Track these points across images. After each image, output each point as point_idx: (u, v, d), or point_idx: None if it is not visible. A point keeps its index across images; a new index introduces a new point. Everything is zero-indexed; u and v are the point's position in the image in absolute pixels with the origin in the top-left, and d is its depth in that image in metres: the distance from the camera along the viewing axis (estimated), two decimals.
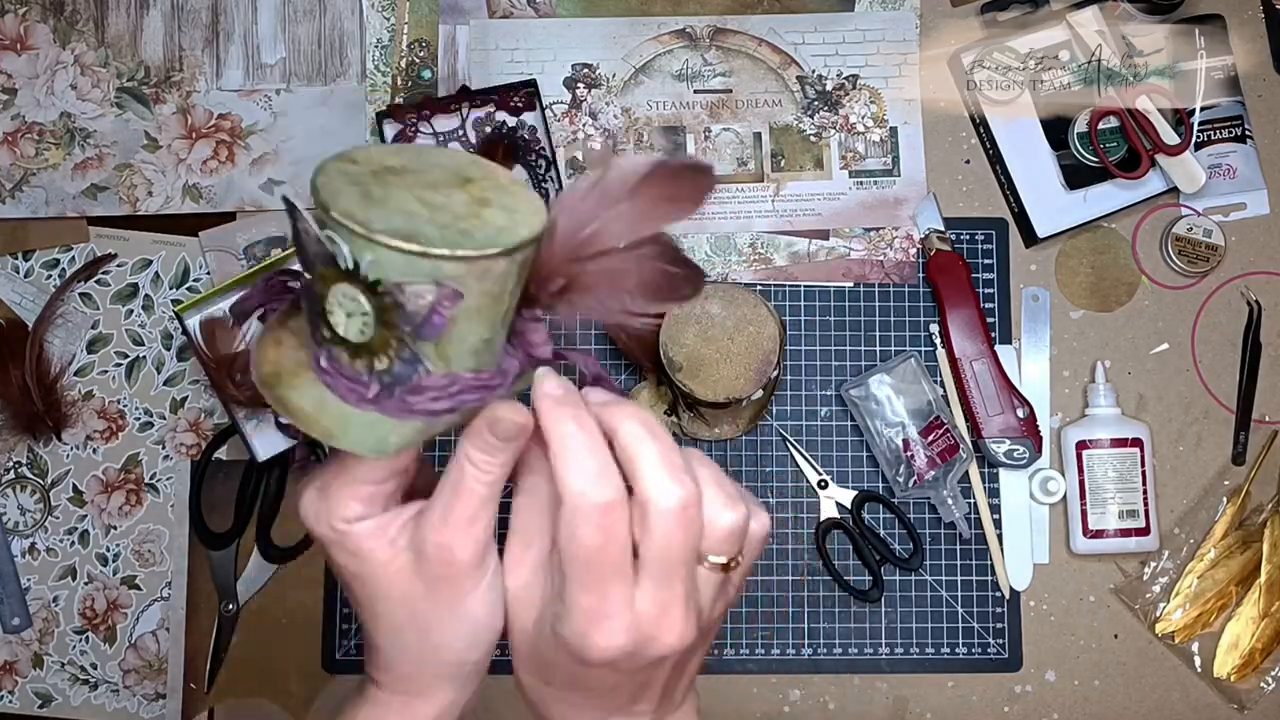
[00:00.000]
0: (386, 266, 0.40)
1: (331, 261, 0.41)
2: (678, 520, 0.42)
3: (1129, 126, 0.91)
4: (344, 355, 0.43)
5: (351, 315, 0.42)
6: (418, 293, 0.41)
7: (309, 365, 0.45)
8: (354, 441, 0.44)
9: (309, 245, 0.42)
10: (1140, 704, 0.89)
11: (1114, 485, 0.88)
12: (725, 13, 0.93)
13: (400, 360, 0.43)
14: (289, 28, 0.93)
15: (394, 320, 0.42)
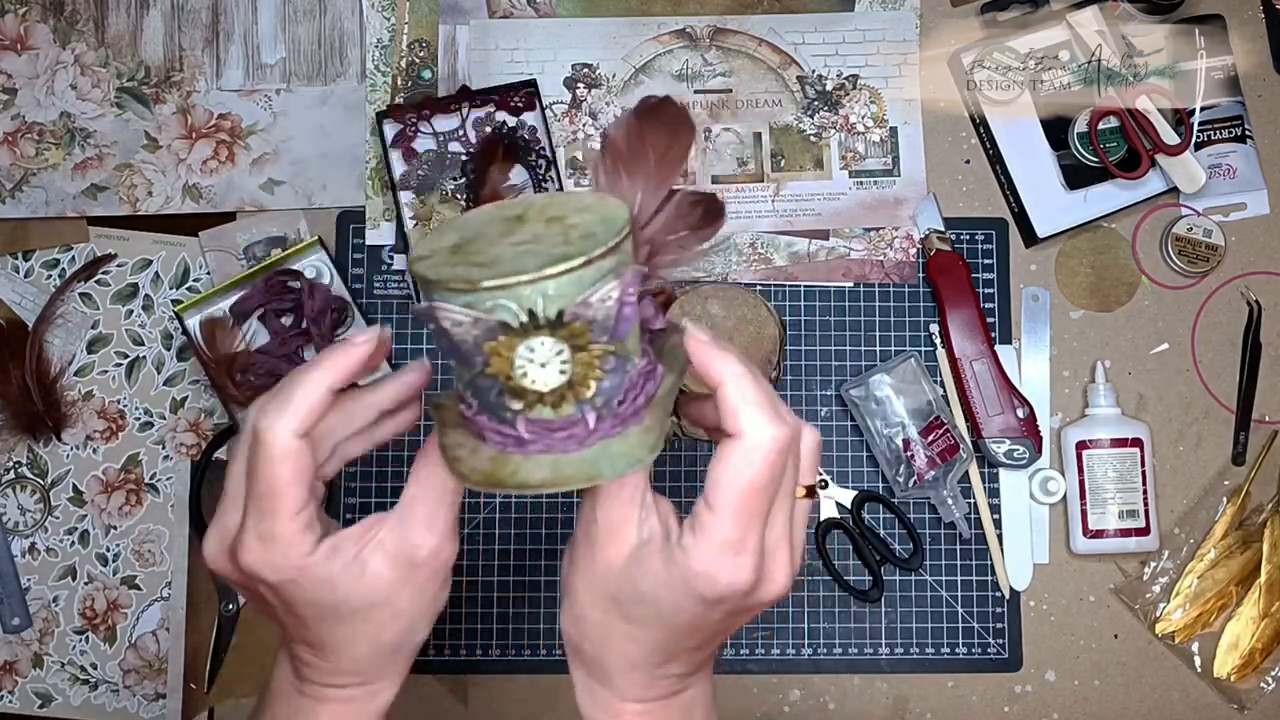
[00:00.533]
0: (559, 297, 0.41)
1: (500, 330, 0.41)
2: (783, 458, 0.44)
3: (1129, 126, 0.91)
4: (546, 411, 0.43)
5: (546, 363, 0.42)
6: (603, 296, 0.42)
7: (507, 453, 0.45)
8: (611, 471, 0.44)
9: (466, 333, 0.42)
10: (1140, 704, 0.89)
11: (1114, 485, 0.88)
12: (725, 13, 0.93)
13: (607, 373, 0.44)
14: (289, 28, 0.93)
15: (587, 339, 0.42)
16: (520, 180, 0.90)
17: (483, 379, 0.43)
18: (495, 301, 0.41)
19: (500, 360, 0.42)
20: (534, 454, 0.44)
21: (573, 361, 0.43)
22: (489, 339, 0.42)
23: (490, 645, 0.88)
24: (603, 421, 0.44)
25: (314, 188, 0.91)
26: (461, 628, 0.88)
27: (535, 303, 0.41)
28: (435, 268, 0.43)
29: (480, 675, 0.89)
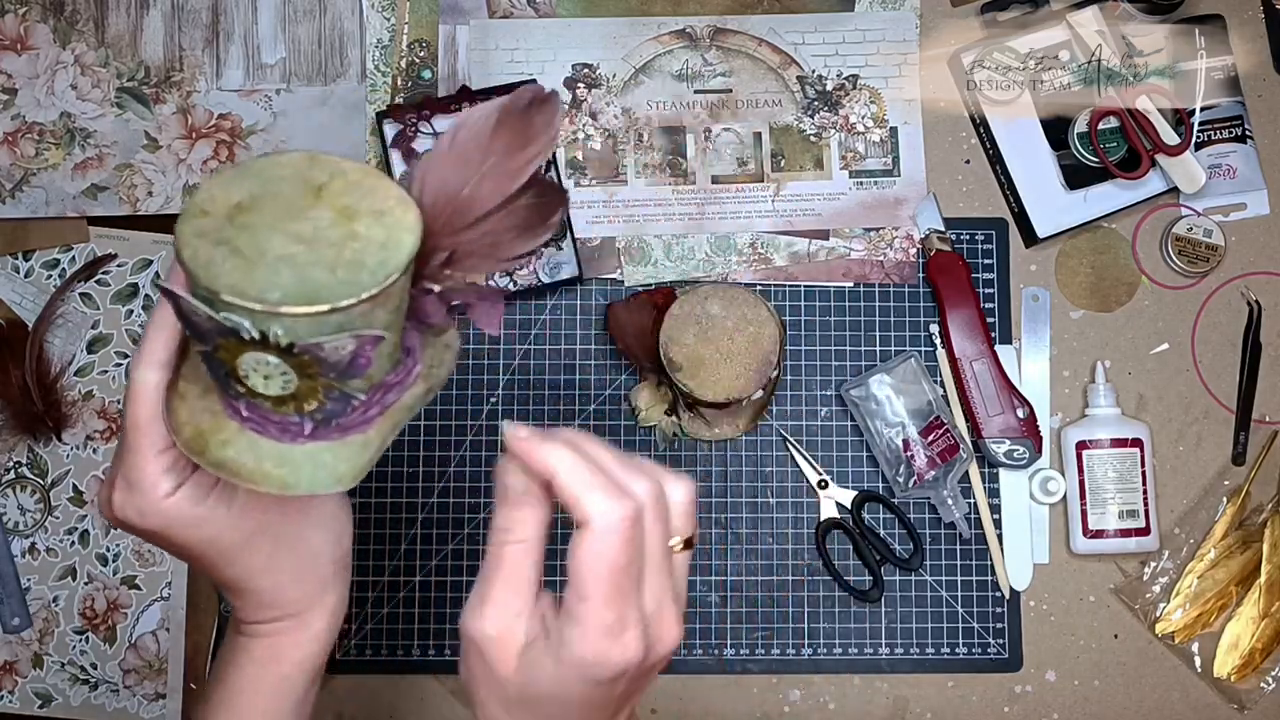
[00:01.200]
0: (296, 331, 0.40)
1: (233, 334, 0.40)
2: (636, 532, 0.43)
3: (1129, 126, 0.91)
4: (266, 404, 0.43)
5: (270, 377, 0.42)
6: (337, 346, 0.41)
7: (226, 414, 0.44)
8: (310, 484, 0.43)
9: (201, 324, 0.41)
10: (1140, 704, 0.89)
11: (1114, 485, 0.88)
12: (725, 13, 0.93)
13: (330, 400, 0.43)
14: (289, 28, 0.93)
15: (317, 371, 0.41)
16: None
17: (212, 359, 0.43)
18: (229, 316, 0.40)
19: (229, 354, 0.42)
20: (249, 430, 0.44)
21: (298, 382, 0.42)
22: (222, 335, 0.41)
23: None
24: (320, 429, 0.44)
25: None
26: None
27: (268, 329, 0.40)
28: (197, 237, 0.41)
29: None
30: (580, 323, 0.91)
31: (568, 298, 0.91)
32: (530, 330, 0.91)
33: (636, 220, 0.91)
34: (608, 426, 0.90)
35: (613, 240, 0.91)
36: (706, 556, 0.89)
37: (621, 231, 0.91)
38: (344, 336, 0.41)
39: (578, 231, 0.90)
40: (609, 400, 0.90)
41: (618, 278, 0.91)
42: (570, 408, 0.90)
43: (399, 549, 0.89)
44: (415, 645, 0.88)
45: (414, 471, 0.89)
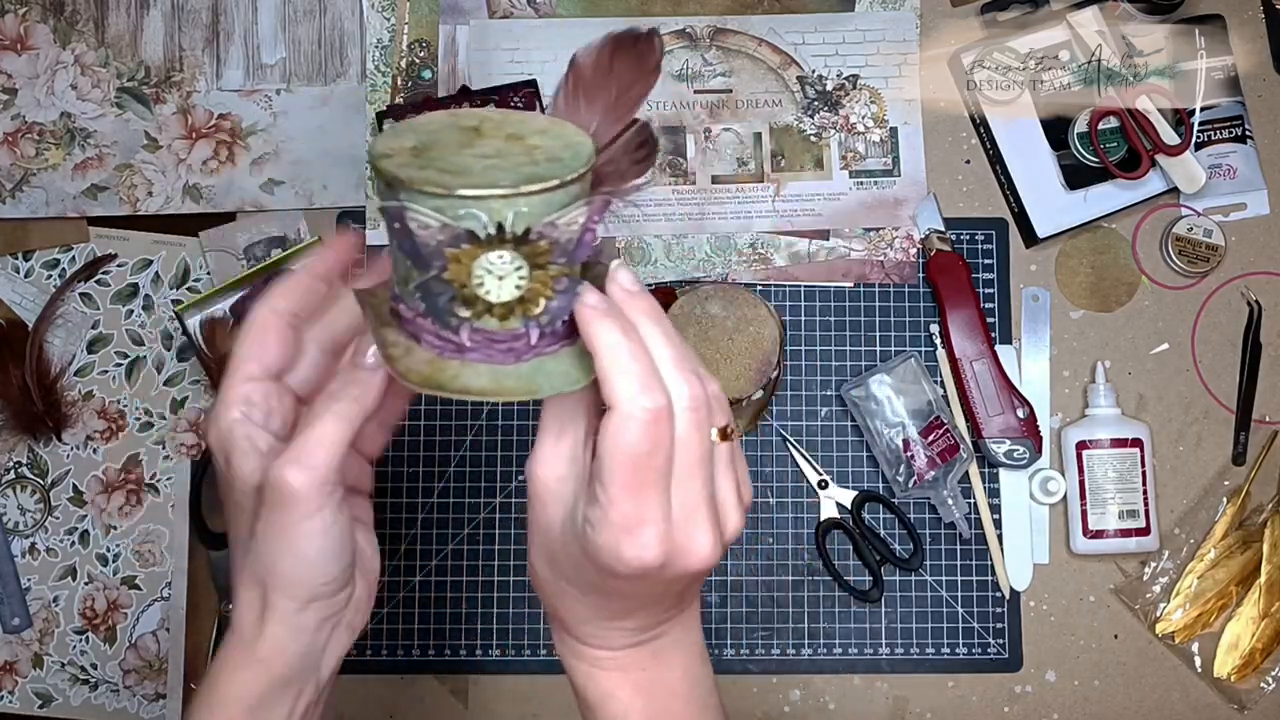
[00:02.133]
0: (530, 215, 0.42)
1: (466, 239, 0.42)
2: (692, 419, 0.44)
3: (1129, 127, 0.91)
4: (492, 322, 0.44)
5: (504, 277, 0.43)
6: (570, 220, 0.43)
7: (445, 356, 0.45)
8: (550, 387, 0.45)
9: (431, 237, 0.42)
10: (1140, 704, 0.89)
11: (1114, 485, 0.88)
12: (725, 13, 0.93)
13: (558, 294, 0.44)
14: (289, 28, 0.93)
15: (547, 259, 0.43)
16: None
17: (436, 283, 0.44)
18: (467, 210, 0.42)
19: (459, 268, 0.43)
20: (472, 361, 0.45)
21: (529, 278, 0.43)
22: (452, 246, 0.42)
23: (490, 645, 0.88)
24: (543, 339, 0.45)
25: (314, 188, 0.91)
26: (461, 628, 0.88)
27: (506, 217, 0.42)
28: (404, 168, 0.43)
29: (480, 675, 0.89)
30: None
31: None
32: None
33: (636, 220, 0.91)
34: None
35: (613, 240, 0.91)
36: None
37: (621, 231, 0.91)
38: (575, 208, 0.43)
39: None
40: None
41: None
42: None
43: (399, 549, 0.89)
44: (415, 645, 0.88)
45: (414, 471, 0.89)
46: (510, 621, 0.89)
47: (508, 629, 0.88)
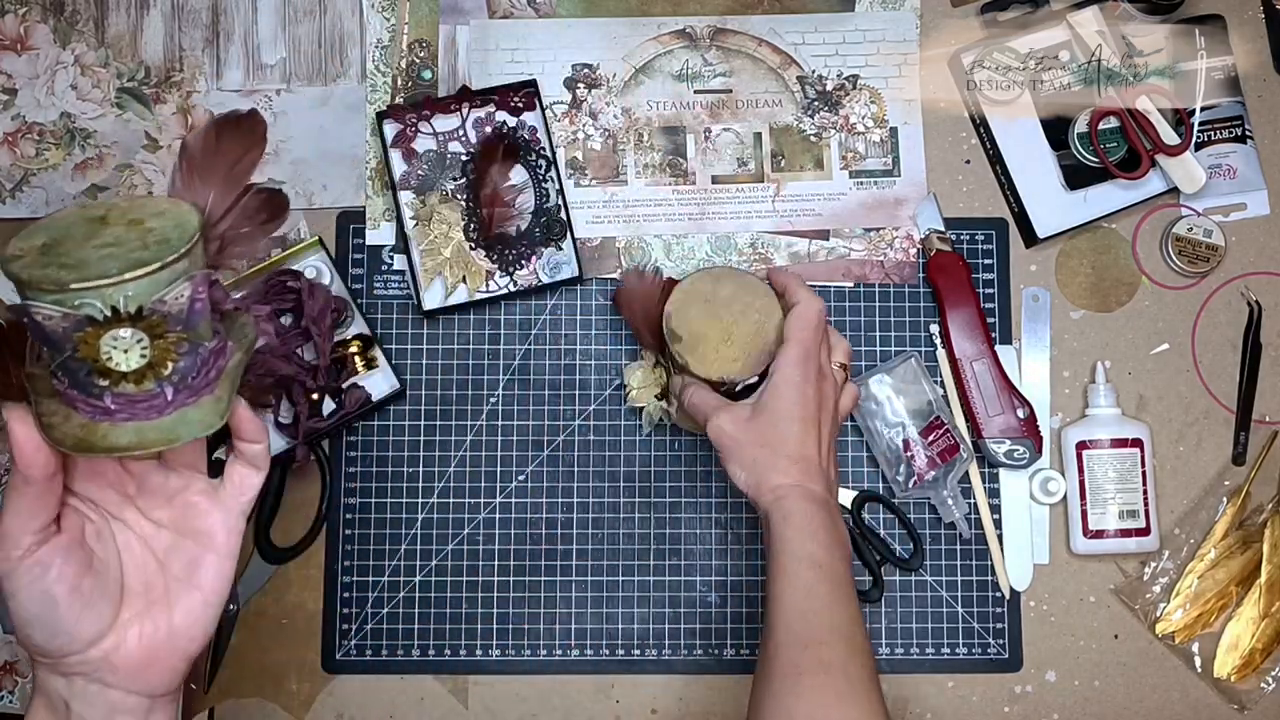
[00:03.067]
0: (138, 296, 0.49)
1: (88, 322, 0.48)
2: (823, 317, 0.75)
3: (1129, 127, 0.91)
4: (130, 387, 0.51)
5: (129, 350, 0.50)
6: (176, 294, 0.50)
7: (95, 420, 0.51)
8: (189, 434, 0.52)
9: (58, 324, 0.48)
10: (1140, 704, 0.89)
11: (1114, 485, 0.88)
12: (725, 13, 0.93)
13: (182, 355, 0.51)
14: (289, 28, 0.93)
15: (164, 329, 0.50)
16: (520, 180, 0.90)
17: (73, 361, 0.50)
18: (82, 300, 0.48)
19: (88, 347, 0.49)
20: (120, 422, 0.51)
21: (152, 347, 0.50)
22: (77, 329, 0.49)
23: (490, 645, 0.88)
24: (179, 394, 0.52)
25: (314, 188, 0.91)
26: (461, 628, 0.88)
27: (118, 301, 0.48)
28: (27, 269, 0.49)
29: (480, 675, 0.89)
30: (580, 323, 0.91)
31: (568, 298, 0.91)
32: (530, 330, 0.91)
33: (636, 220, 0.91)
34: (607, 426, 0.90)
35: (613, 240, 0.91)
36: (707, 556, 0.89)
37: (621, 231, 0.91)
38: (179, 284, 0.50)
39: (578, 231, 0.90)
40: (609, 400, 0.90)
41: (617, 277, 0.91)
42: (570, 407, 0.90)
43: (399, 549, 0.89)
44: (415, 645, 0.88)
45: (414, 472, 0.89)
46: (510, 621, 0.89)
47: (508, 629, 0.88)
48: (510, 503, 0.89)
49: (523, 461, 0.90)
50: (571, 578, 0.89)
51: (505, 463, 0.90)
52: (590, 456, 0.90)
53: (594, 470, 0.90)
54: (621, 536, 0.89)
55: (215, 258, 0.56)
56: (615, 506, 0.89)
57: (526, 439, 0.90)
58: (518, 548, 0.89)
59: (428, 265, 0.89)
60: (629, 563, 0.89)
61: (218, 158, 0.56)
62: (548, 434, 0.90)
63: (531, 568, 0.89)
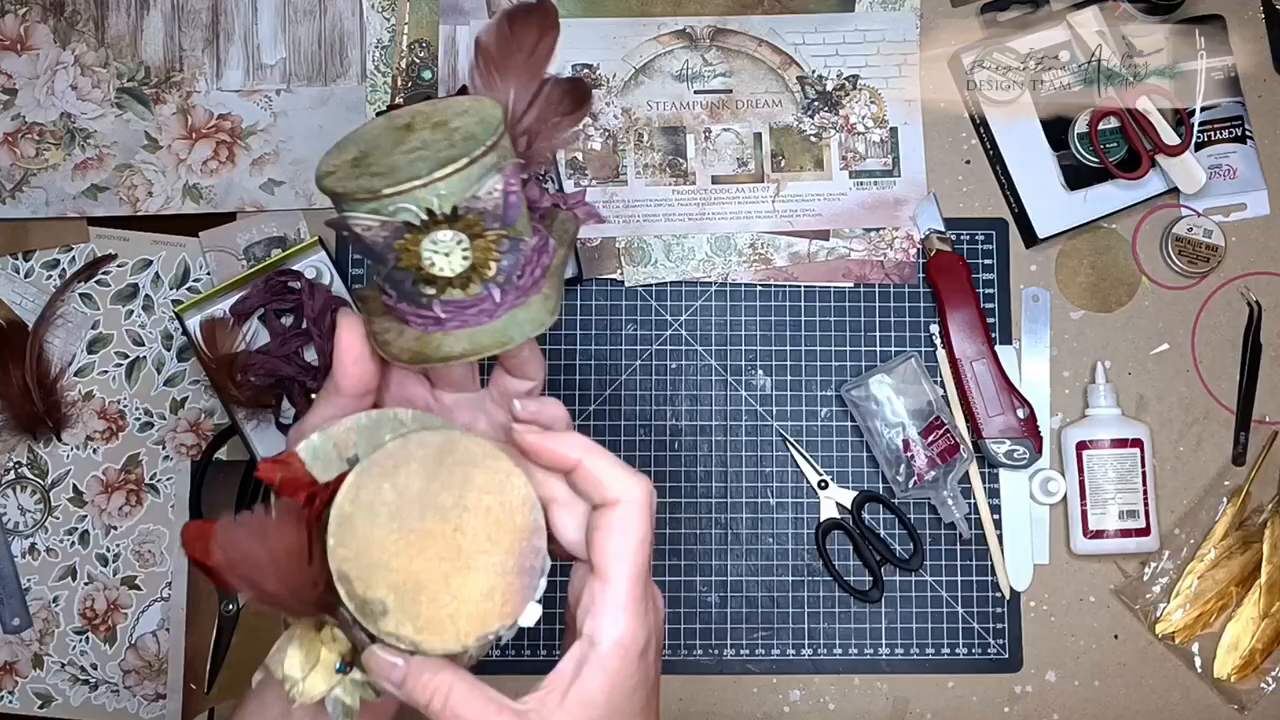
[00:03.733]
0: (451, 195, 0.47)
1: (406, 229, 0.47)
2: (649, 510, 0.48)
3: (1129, 127, 0.91)
4: (457, 293, 0.49)
5: (449, 253, 0.48)
6: (489, 189, 0.47)
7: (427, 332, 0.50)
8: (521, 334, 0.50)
9: (377, 234, 0.47)
10: (1140, 704, 0.89)
11: (1114, 486, 0.88)
12: (725, 13, 0.93)
13: (504, 254, 0.49)
14: (289, 28, 0.93)
15: (483, 227, 0.48)
16: None
17: (397, 272, 0.49)
18: (397, 205, 0.46)
19: (410, 255, 0.48)
20: (452, 330, 0.50)
21: (472, 248, 0.48)
22: (397, 238, 0.47)
23: None
24: (507, 294, 0.50)
25: (314, 188, 0.91)
26: None
27: (432, 202, 0.46)
28: (340, 181, 0.48)
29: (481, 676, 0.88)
30: (580, 323, 0.91)
31: (568, 298, 0.91)
32: None
33: (636, 220, 0.91)
34: (607, 427, 0.90)
35: (613, 240, 0.91)
36: (707, 556, 0.89)
37: (621, 232, 0.91)
38: (490, 177, 0.47)
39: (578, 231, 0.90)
40: (609, 400, 0.90)
41: (618, 278, 0.91)
42: (570, 408, 0.90)
43: None
44: None
45: None
46: None
47: None
48: None
49: None
50: None
51: None
52: None
53: None
54: None
55: (524, 154, 0.53)
56: None
57: None
58: None
59: None
60: None
61: (512, 49, 0.53)
62: None
63: None
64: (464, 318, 0.50)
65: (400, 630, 0.46)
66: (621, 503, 0.47)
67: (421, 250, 0.47)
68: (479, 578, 0.47)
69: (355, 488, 0.46)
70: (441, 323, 0.50)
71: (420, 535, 0.46)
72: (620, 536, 0.47)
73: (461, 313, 0.50)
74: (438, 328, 0.50)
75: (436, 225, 0.47)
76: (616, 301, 0.91)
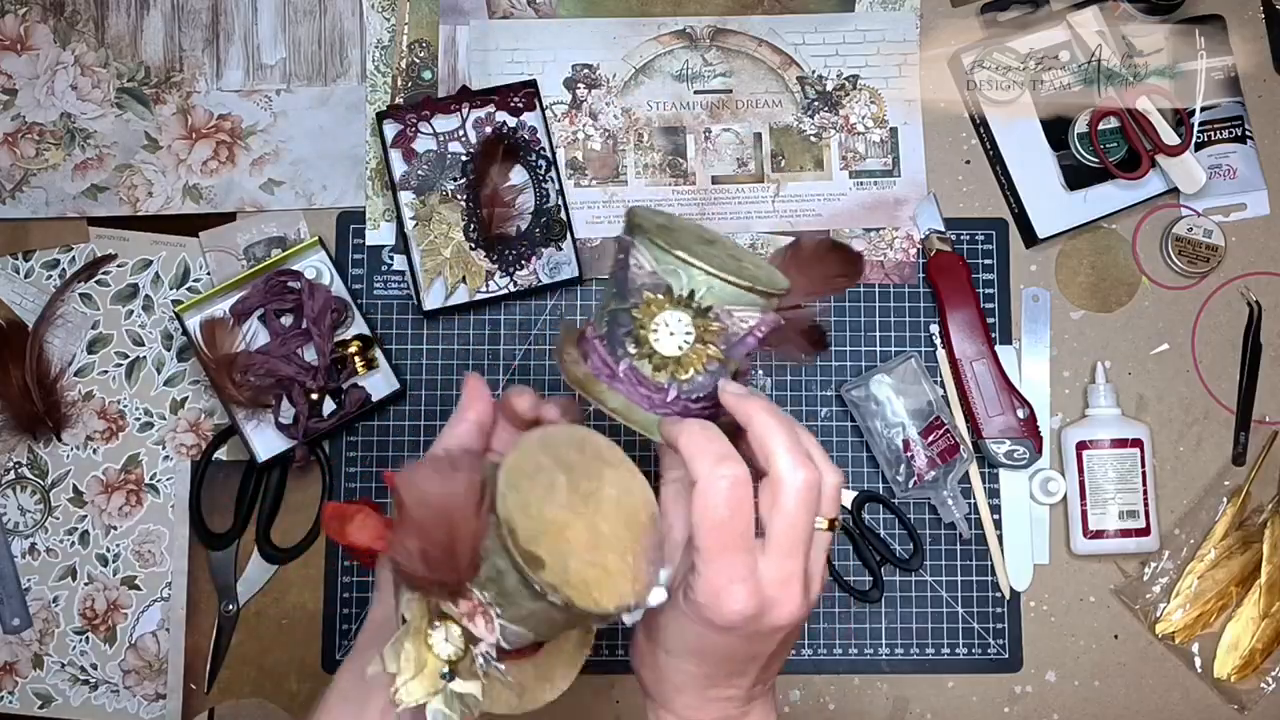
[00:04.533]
0: (714, 295, 0.52)
1: (663, 290, 0.52)
2: (803, 498, 0.50)
3: (1129, 127, 0.91)
4: (647, 367, 0.53)
5: (673, 334, 0.52)
6: (743, 317, 0.52)
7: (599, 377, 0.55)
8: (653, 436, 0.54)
9: (638, 276, 0.52)
10: (1141, 704, 0.89)
11: (1114, 486, 0.88)
12: (725, 13, 0.93)
13: (708, 372, 0.53)
14: (289, 28, 0.93)
15: (713, 339, 0.52)
16: (520, 180, 0.90)
17: (624, 315, 0.53)
18: (675, 268, 0.51)
19: (646, 310, 0.52)
20: (616, 389, 0.54)
21: (691, 347, 0.52)
22: (651, 290, 0.52)
23: None
24: (674, 402, 0.53)
25: (314, 188, 0.91)
26: None
27: (700, 288, 0.51)
28: (649, 220, 0.54)
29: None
30: (580, 323, 0.91)
31: (568, 298, 0.91)
32: (530, 330, 0.91)
33: None
34: (607, 428, 0.90)
35: (613, 241, 0.91)
36: None
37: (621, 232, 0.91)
38: (752, 310, 0.52)
39: (578, 231, 0.90)
40: None
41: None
42: None
43: None
44: None
45: None
46: None
47: None
48: None
49: None
50: None
51: None
52: None
53: None
54: None
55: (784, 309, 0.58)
56: None
57: None
58: None
59: (428, 265, 0.89)
60: None
61: (817, 267, 0.60)
62: None
63: None
64: (632, 390, 0.54)
65: (557, 583, 0.48)
66: (772, 479, 0.50)
67: (657, 316, 0.52)
68: (615, 557, 0.51)
69: (521, 454, 0.50)
70: (613, 379, 0.54)
71: (569, 509, 0.50)
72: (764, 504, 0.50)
73: (635, 384, 0.54)
74: (608, 380, 0.54)
75: (683, 306, 0.52)
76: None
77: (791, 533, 0.49)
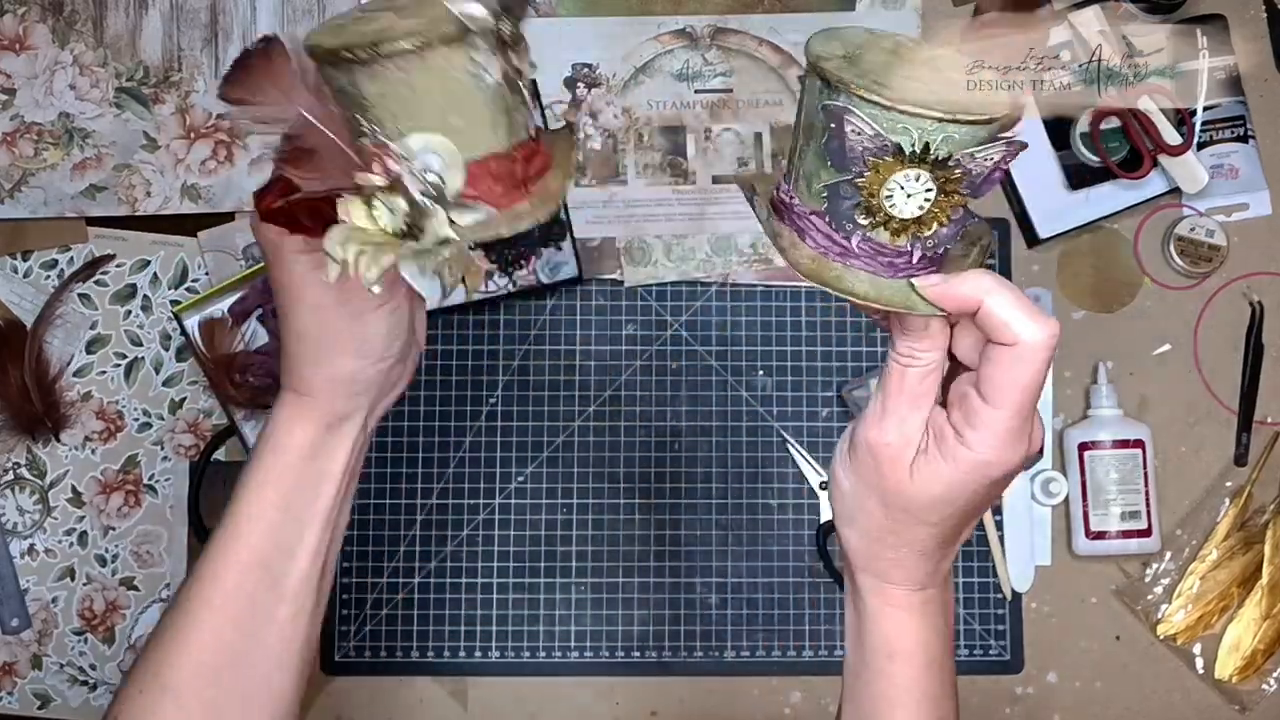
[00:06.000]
0: (955, 142, 0.44)
1: (892, 151, 0.44)
2: (1048, 353, 0.48)
3: (1131, 127, 0.90)
4: (884, 235, 0.47)
5: (912, 195, 0.45)
6: (987, 155, 0.45)
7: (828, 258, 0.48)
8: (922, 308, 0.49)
9: (859, 142, 0.45)
10: (1142, 705, 0.89)
11: (1116, 486, 0.88)
12: (725, 12, 0.93)
13: (952, 222, 0.47)
14: (288, 28, 0.93)
15: (956, 187, 0.45)
16: None
17: (847, 187, 0.46)
18: (902, 124, 0.43)
19: (875, 178, 0.45)
20: (853, 267, 0.48)
21: (934, 202, 0.46)
22: (876, 156, 0.44)
23: (490, 646, 0.88)
24: (920, 261, 0.48)
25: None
26: (461, 629, 0.88)
27: (934, 139, 0.44)
28: (845, 72, 0.44)
29: (480, 676, 0.88)
30: (580, 323, 0.91)
31: (568, 298, 0.91)
32: (530, 330, 0.90)
33: (636, 220, 0.91)
34: (607, 427, 0.90)
35: (613, 240, 0.91)
36: (707, 557, 0.89)
37: (621, 231, 0.91)
38: (995, 145, 0.45)
39: (578, 231, 0.90)
40: (609, 400, 0.90)
41: (618, 278, 0.91)
42: (570, 408, 0.90)
43: (398, 550, 0.89)
44: (415, 646, 0.88)
45: (413, 473, 0.89)
46: (510, 623, 0.88)
47: (507, 630, 0.88)
48: (510, 503, 0.89)
49: (522, 462, 0.90)
50: (571, 579, 0.89)
51: (505, 463, 0.90)
52: (590, 457, 0.90)
53: (594, 471, 0.89)
54: (621, 537, 0.89)
55: None
56: (615, 507, 0.89)
57: (526, 439, 0.90)
58: (517, 549, 0.89)
59: None
60: (629, 564, 0.89)
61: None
62: (548, 434, 0.90)
63: (531, 569, 0.89)
64: (871, 262, 0.48)
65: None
66: (1019, 344, 0.47)
67: (888, 180, 0.45)
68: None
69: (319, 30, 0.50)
70: (847, 255, 0.48)
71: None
72: (1010, 375, 0.47)
73: (874, 255, 0.48)
74: (840, 258, 0.48)
75: (920, 163, 0.45)
76: (617, 302, 0.91)
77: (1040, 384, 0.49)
